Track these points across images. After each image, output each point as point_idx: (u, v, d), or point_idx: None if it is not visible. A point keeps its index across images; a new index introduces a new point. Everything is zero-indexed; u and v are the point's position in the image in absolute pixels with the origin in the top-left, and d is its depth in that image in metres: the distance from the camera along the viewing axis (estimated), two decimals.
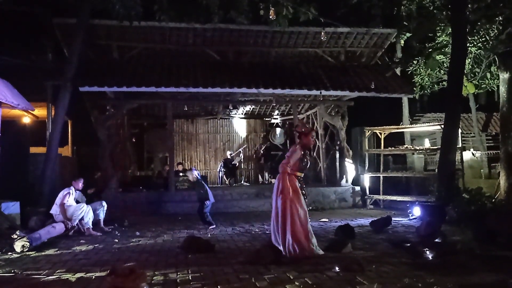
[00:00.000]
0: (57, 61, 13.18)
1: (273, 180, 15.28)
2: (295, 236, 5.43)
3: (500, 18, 10.58)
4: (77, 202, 8.21)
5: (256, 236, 7.48)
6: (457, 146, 10.02)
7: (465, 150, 15.43)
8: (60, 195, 7.98)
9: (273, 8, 10.03)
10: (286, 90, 11.61)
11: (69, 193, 7.99)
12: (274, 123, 17.47)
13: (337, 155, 14.15)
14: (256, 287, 4.19)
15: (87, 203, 8.27)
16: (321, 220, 9.30)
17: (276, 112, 17.14)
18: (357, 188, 12.52)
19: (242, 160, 16.48)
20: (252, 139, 17.66)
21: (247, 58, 12.94)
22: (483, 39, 11.80)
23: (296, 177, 5.72)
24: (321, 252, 5.62)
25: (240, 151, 16.30)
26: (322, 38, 12.00)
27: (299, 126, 6.12)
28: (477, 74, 14.25)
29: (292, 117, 15.23)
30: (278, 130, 17.03)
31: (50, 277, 4.85)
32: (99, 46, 12.10)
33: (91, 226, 8.03)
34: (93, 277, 4.79)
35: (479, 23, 10.76)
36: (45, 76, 12.12)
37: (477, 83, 14.33)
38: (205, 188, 8.71)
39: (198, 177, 8.89)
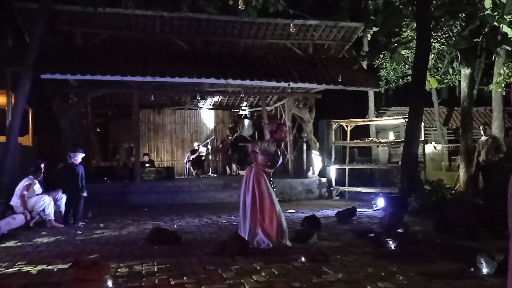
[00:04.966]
0: (17, 47, 12.63)
1: (241, 172, 15.30)
2: (263, 229, 5.48)
3: (463, 15, 10.90)
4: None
5: (223, 227, 7.47)
6: (420, 139, 10.27)
7: (427, 143, 15.90)
8: (20, 185, 7.71)
9: None
10: (255, 81, 11.58)
11: (30, 183, 7.74)
12: (242, 114, 17.42)
13: (304, 147, 14.29)
14: (223, 278, 4.18)
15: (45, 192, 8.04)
16: (288, 211, 9.37)
17: (245, 103, 17.08)
18: (324, 179, 12.67)
19: (209, 151, 16.39)
20: (220, 130, 17.57)
21: (215, 48, 12.80)
22: (446, 35, 12.13)
23: (266, 173, 5.72)
24: (289, 243, 5.68)
25: (208, 142, 16.18)
26: (291, 30, 12.03)
27: (267, 125, 5.85)
28: (440, 69, 14.65)
29: (260, 108, 15.22)
30: (246, 121, 16.99)
31: (10, 269, 4.70)
32: (61, 32, 11.68)
33: (53, 218, 7.81)
34: (55, 269, 4.66)
35: (442, 19, 11.05)
36: (5, 63, 11.63)
37: (439, 78, 14.74)
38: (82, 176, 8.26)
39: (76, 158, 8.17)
